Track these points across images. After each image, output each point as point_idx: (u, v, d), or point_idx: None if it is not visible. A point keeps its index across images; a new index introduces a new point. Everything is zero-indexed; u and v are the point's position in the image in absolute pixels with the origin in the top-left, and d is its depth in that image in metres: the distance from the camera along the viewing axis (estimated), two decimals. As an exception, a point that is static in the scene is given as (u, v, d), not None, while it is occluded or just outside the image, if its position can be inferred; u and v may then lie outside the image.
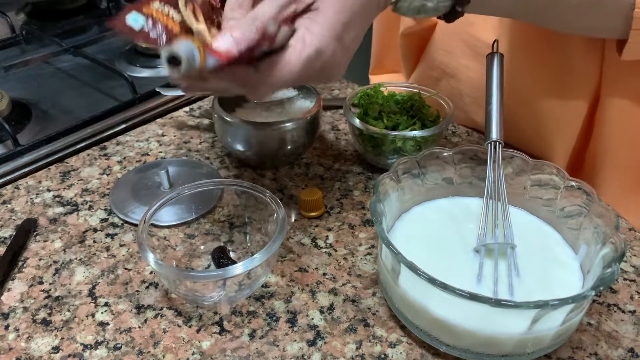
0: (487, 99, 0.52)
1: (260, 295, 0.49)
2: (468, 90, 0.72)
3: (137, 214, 0.57)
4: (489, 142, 0.50)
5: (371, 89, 0.67)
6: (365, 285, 0.50)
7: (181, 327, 0.46)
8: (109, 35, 1.02)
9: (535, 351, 0.42)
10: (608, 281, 0.39)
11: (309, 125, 0.62)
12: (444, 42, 0.72)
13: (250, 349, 0.44)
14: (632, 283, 0.50)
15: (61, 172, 0.64)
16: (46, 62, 0.92)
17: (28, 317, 0.47)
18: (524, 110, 0.66)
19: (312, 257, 0.53)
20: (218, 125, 0.63)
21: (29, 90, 0.85)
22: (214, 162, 0.66)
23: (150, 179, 0.62)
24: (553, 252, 0.48)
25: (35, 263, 0.52)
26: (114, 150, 0.68)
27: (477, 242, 0.47)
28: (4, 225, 0.57)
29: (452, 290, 0.38)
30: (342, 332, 0.46)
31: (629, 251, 0.54)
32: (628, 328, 0.46)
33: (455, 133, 0.72)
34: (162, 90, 0.75)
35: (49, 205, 0.59)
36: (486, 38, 0.66)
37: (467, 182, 0.54)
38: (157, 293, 0.49)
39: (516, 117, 0.65)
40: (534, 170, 0.51)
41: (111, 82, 0.86)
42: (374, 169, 0.65)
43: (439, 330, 0.43)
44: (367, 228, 0.56)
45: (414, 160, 0.52)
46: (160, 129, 0.73)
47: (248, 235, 0.54)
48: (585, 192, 0.48)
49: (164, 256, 0.50)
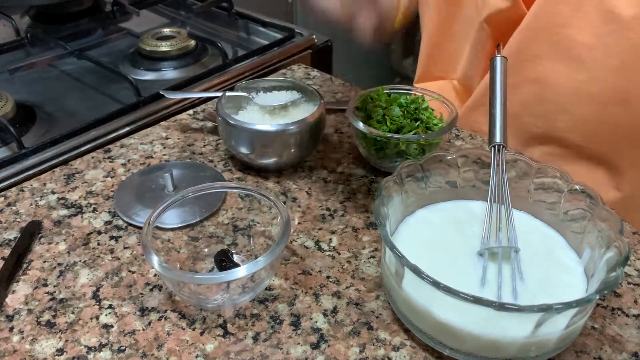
0: (490, 102, 0.52)
1: (264, 298, 0.49)
2: (553, 96, 0.67)
3: (141, 217, 0.57)
4: (493, 145, 0.50)
5: (374, 93, 0.67)
6: (369, 289, 0.50)
7: (185, 330, 0.46)
8: (113, 39, 1.03)
9: (539, 355, 0.42)
10: (612, 285, 0.39)
11: (312, 128, 0.62)
12: (529, 45, 0.66)
13: (254, 351, 0.44)
14: (636, 287, 0.50)
15: (65, 175, 0.65)
16: (51, 65, 0.93)
17: (32, 319, 0.47)
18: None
19: (316, 260, 0.53)
20: (222, 128, 0.63)
21: (33, 93, 0.86)
22: (218, 165, 0.67)
23: (154, 181, 0.62)
24: (557, 255, 0.48)
25: (40, 265, 0.52)
26: (118, 153, 0.69)
27: (480, 245, 0.47)
28: (8, 227, 0.57)
29: (455, 293, 0.38)
30: (345, 335, 0.46)
31: (633, 255, 0.54)
32: (632, 332, 0.46)
33: (459, 136, 0.72)
34: (166, 93, 0.75)
35: (54, 207, 0.60)
36: (582, 39, 0.62)
37: (470, 186, 0.54)
38: (161, 296, 0.49)
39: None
40: (538, 174, 0.51)
41: (115, 85, 0.86)
42: (377, 172, 0.65)
43: (442, 334, 0.43)
44: (371, 231, 0.56)
45: (418, 163, 0.52)
46: (164, 131, 0.73)
47: (252, 238, 0.54)
48: (589, 196, 0.47)
49: (167, 259, 0.51)
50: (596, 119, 0.65)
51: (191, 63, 0.94)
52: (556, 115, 0.68)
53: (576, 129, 0.67)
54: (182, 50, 0.94)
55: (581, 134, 0.67)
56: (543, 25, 0.63)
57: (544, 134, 0.70)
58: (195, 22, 1.12)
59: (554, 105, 0.67)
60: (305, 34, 1.00)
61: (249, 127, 0.60)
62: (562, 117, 0.67)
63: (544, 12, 0.63)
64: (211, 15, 1.11)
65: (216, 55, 0.95)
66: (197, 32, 1.04)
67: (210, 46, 0.97)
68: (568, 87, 0.63)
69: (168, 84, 0.86)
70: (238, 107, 0.66)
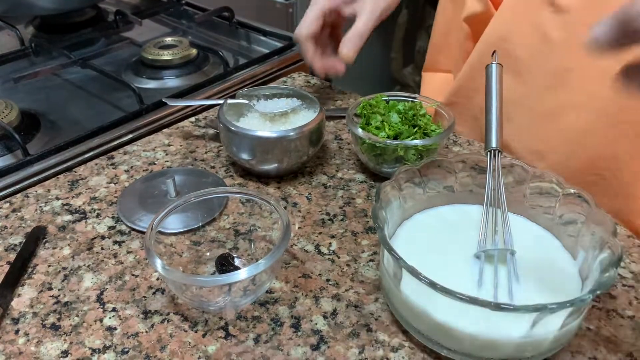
0: (486, 108, 0.54)
1: (264, 300, 0.50)
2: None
3: (144, 222, 0.58)
4: (489, 150, 0.51)
5: (373, 99, 0.68)
6: (368, 291, 0.51)
7: (187, 332, 0.47)
8: (116, 48, 1.05)
9: (535, 355, 0.43)
10: (605, 285, 0.40)
11: (312, 135, 0.63)
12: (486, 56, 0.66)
13: (255, 353, 0.45)
14: (630, 289, 0.51)
15: (70, 181, 0.66)
16: (55, 74, 0.94)
17: (37, 322, 0.48)
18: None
19: (316, 263, 0.54)
20: (223, 135, 0.64)
21: (37, 101, 0.87)
22: (220, 171, 0.68)
23: (156, 187, 0.63)
24: (552, 258, 0.49)
25: (45, 269, 0.53)
26: (121, 160, 0.70)
27: (477, 248, 0.48)
28: (14, 232, 0.58)
29: (452, 294, 0.39)
30: (345, 337, 0.46)
31: (628, 257, 0.54)
32: (627, 333, 0.47)
33: (457, 142, 0.73)
34: (169, 100, 0.77)
35: (58, 213, 0.61)
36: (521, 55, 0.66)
37: (467, 190, 0.55)
38: (164, 299, 0.50)
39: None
40: (534, 179, 0.52)
41: (118, 93, 0.88)
42: (376, 177, 0.66)
43: (440, 335, 0.43)
44: (370, 235, 0.57)
45: (415, 168, 0.53)
46: (166, 138, 0.74)
47: (253, 243, 0.55)
48: (584, 200, 0.48)
49: (170, 263, 0.51)
50: (532, 131, 0.69)
51: (193, 71, 0.95)
52: (504, 122, 0.71)
53: (518, 138, 0.71)
54: (184, 59, 0.96)
55: (521, 143, 0.71)
56: (492, 40, 0.69)
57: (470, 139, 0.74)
58: (196, 31, 1.14)
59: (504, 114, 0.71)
60: (305, 43, 1.01)
61: (250, 133, 0.61)
62: (507, 125, 0.68)
63: (494, 28, 0.68)
64: (212, 24, 1.13)
65: (217, 64, 0.97)
66: (199, 41, 1.06)
67: (212, 55, 0.99)
68: (512, 97, 0.66)
69: (170, 92, 0.87)
70: (239, 114, 0.68)
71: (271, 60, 0.96)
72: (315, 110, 0.66)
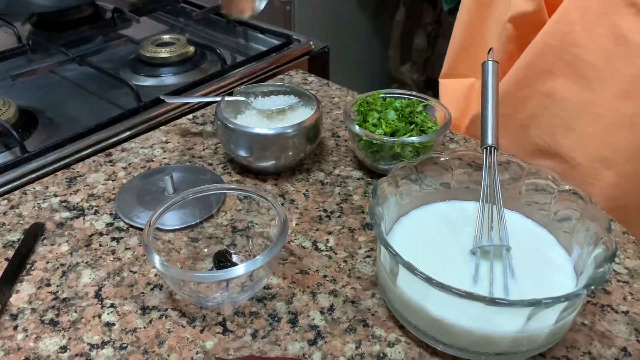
0: (482, 104, 0.54)
1: (262, 296, 0.50)
2: (561, 112, 0.68)
3: (142, 219, 0.58)
4: (485, 147, 0.52)
5: (370, 97, 0.68)
6: (365, 287, 0.51)
7: (185, 328, 0.47)
8: (113, 45, 1.05)
9: (530, 350, 0.43)
10: (599, 281, 0.40)
11: (309, 132, 0.63)
12: (541, 59, 0.67)
13: (252, 348, 0.45)
14: (625, 284, 0.51)
15: (68, 178, 0.66)
16: (52, 71, 0.94)
17: (36, 318, 0.48)
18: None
19: (313, 259, 0.54)
20: (221, 132, 0.65)
21: (35, 98, 0.87)
22: (217, 168, 0.68)
23: (154, 184, 0.64)
24: (547, 254, 0.50)
25: (43, 266, 0.54)
26: (119, 157, 0.70)
27: (473, 244, 0.49)
28: (12, 229, 0.58)
29: (448, 289, 0.39)
30: (342, 332, 0.47)
31: (623, 253, 0.55)
32: (621, 328, 0.47)
33: (453, 139, 0.74)
34: (166, 98, 0.77)
35: (56, 210, 0.61)
36: (591, 59, 0.63)
37: (464, 187, 0.55)
38: (162, 295, 0.50)
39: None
40: (530, 176, 0.52)
41: (116, 90, 0.88)
42: (373, 174, 0.66)
43: (436, 330, 0.44)
44: (367, 232, 0.58)
45: (412, 165, 0.53)
46: (164, 136, 0.74)
47: (250, 239, 0.55)
48: (579, 197, 0.49)
49: (168, 259, 0.52)
50: (600, 140, 0.65)
51: (190, 69, 0.95)
52: (562, 131, 0.68)
53: (580, 147, 0.67)
54: (182, 56, 0.96)
55: (584, 153, 0.67)
56: (555, 43, 0.64)
57: (548, 148, 0.71)
58: (194, 28, 1.14)
59: (561, 121, 0.68)
60: (302, 41, 1.02)
61: (248, 130, 0.62)
62: (567, 133, 0.67)
63: (557, 30, 0.64)
64: (210, 22, 1.13)
65: (215, 61, 0.97)
66: (196, 38, 1.06)
67: (209, 52, 0.99)
68: (575, 105, 0.64)
69: (168, 89, 0.87)
70: (237, 111, 0.68)
71: (268, 58, 0.96)
72: (313, 108, 0.66)
